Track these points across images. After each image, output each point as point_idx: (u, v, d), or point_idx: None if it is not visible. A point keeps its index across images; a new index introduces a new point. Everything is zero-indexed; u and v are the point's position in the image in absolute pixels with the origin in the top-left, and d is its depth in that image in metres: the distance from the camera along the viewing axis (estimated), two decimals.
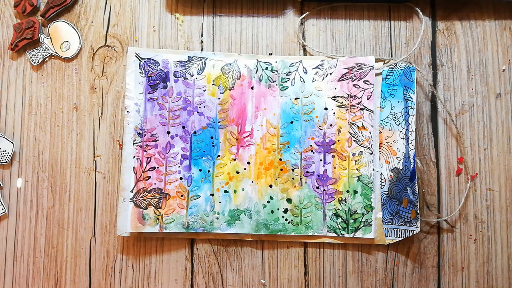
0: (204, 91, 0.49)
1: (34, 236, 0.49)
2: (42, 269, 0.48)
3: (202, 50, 0.51)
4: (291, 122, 0.48)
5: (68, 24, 0.51)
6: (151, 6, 0.51)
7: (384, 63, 0.49)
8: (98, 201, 0.49)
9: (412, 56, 0.50)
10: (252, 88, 0.49)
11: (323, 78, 0.49)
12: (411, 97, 0.48)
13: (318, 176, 0.48)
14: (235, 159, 0.48)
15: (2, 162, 0.49)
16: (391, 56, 0.50)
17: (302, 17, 0.51)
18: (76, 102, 0.50)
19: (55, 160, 0.49)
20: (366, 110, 0.48)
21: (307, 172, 0.48)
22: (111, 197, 0.49)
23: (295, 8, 0.51)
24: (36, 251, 0.48)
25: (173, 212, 0.47)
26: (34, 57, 0.50)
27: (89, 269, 0.48)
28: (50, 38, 0.51)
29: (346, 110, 0.48)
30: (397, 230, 0.47)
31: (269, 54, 0.50)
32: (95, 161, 0.49)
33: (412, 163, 0.47)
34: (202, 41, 0.51)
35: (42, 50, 0.51)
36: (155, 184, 0.48)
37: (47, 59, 0.51)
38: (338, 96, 0.48)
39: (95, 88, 0.50)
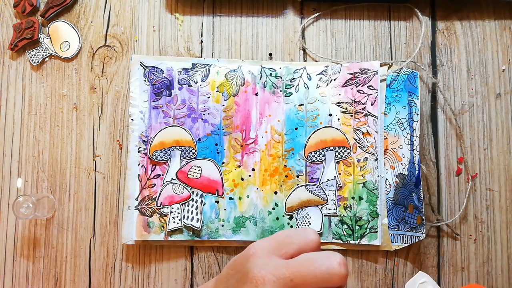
0: (208, 98, 0.49)
1: (34, 236, 0.49)
2: (42, 269, 0.48)
3: (202, 50, 0.51)
4: (296, 129, 0.48)
5: (68, 24, 0.51)
6: (151, 6, 0.51)
7: (388, 68, 0.49)
8: (97, 201, 0.49)
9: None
10: (256, 94, 0.49)
11: (327, 84, 0.49)
12: (415, 103, 0.48)
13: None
14: (239, 166, 0.48)
15: None
16: (391, 57, 0.50)
17: (302, 19, 0.51)
18: (76, 102, 0.50)
19: (55, 160, 0.49)
20: (371, 116, 0.48)
21: (312, 178, 0.48)
22: (111, 197, 0.49)
23: (295, 8, 0.51)
24: (36, 251, 0.48)
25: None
26: (33, 57, 0.50)
27: (88, 269, 0.48)
28: (50, 38, 0.51)
29: (350, 116, 0.48)
30: (403, 236, 0.47)
31: (269, 54, 0.50)
32: (95, 161, 0.49)
33: (417, 169, 0.47)
34: (202, 41, 0.51)
35: (42, 50, 0.51)
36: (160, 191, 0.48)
37: (46, 59, 0.51)
38: (342, 102, 0.48)
39: (95, 88, 0.50)
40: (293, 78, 0.49)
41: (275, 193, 0.48)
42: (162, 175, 0.48)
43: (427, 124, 0.49)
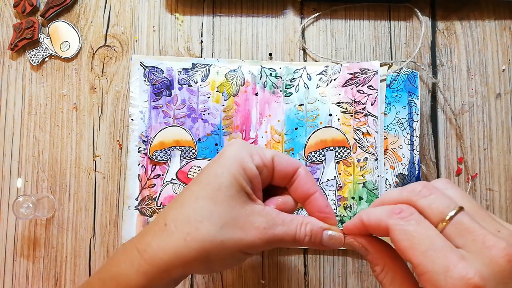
0: (208, 98, 0.49)
1: (34, 236, 0.49)
2: (42, 269, 0.48)
3: (202, 50, 0.51)
4: (296, 129, 0.48)
5: (68, 24, 0.51)
6: (151, 6, 0.51)
7: (388, 68, 0.49)
8: (97, 201, 0.49)
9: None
10: (256, 94, 0.49)
11: (327, 84, 0.49)
12: (415, 103, 0.48)
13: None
14: None
15: None
16: (391, 57, 0.50)
17: (302, 19, 0.51)
18: (76, 102, 0.50)
19: (55, 160, 0.49)
20: (371, 115, 0.48)
21: None
22: (110, 197, 0.49)
23: (295, 8, 0.51)
24: (36, 251, 0.48)
25: None
26: (33, 57, 0.50)
27: (89, 269, 0.48)
28: (50, 38, 0.51)
29: (350, 116, 0.48)
30: None
31: (269, 54, 0.50)
32: (95, 161, 0.49)
33: (417, 169, 0.47)
34: (202, 41, 0.51)
35: (41, 50, 0.51)
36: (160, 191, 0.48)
37: (46, 59, 0.51)
38: (342, 102, 0.48)
39: (95, 88, 0.50)
40: (293, 78, 0.49)
41: None
42: (162, 175, 0.48)
43: (427, 124, 0.49)
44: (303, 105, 0.49)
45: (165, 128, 0.48)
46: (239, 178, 0.32)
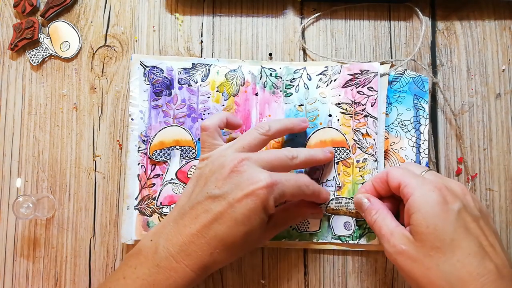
0: (208, 97, 0.49)
1: (34, 236, 0.49)
2: (42, 269, 0.48)
3: (202, 50, 0.51)
4: None
5: (68, 24, 0.51)
6: (151, 6, 0.51)
7: (390, 67, 0.49)
8: (97, 201, 0.49)
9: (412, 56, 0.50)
10: (256, 94, 0.49)
11: (327, 85, 0.48)
12: (423, 107, 0.48)
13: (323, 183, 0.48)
14: None
15: None
16: (391, 57, 0.50)
17: (302, 19, 0.51)
18: (76, 102, 0.50)
19: (55, 160, 0.49)
20: (370, 117, 0.47)
21: (312, 178, 0.47)
22: (111, 197, 0.49)
23: (295, 8, 0.51)
24: (36, 251, 0.48)
25: None
26: (33, 57, 0.50)
27: (89, 269, 0.48)
28: (50, 38, 0.51)
29: (350, 116, 0.48)
30: None
31: (269, 54, 0.50)
32: (95, 161, 0.49)
33: None
34: (202, 41, 0.51)
35: (41, 50, 0.51)
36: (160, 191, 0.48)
37: (46, 59, 0.51)
38: (342, 103, 0.48)
39: (95, 88, 0.50)
40: (293, 78, 0.49)
41: None
42: (162, 174, 0.48)
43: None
44: (303, 105, 0.48)
45: (165, 127, 0.48)
46: None
